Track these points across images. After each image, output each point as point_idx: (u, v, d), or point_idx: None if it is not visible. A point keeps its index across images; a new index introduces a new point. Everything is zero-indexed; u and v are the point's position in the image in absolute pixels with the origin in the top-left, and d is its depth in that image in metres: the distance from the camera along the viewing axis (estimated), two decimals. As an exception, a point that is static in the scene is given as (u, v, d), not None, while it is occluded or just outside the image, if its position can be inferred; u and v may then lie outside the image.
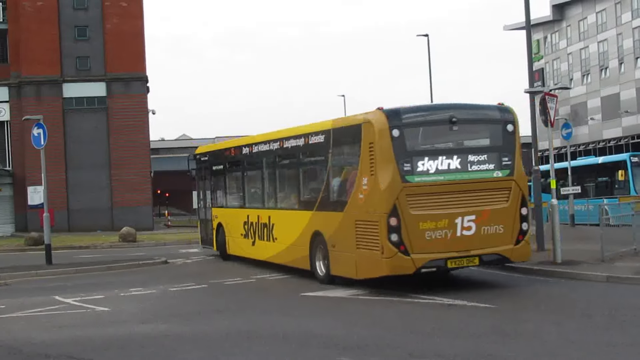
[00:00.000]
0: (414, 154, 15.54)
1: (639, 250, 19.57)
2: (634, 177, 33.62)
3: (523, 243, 15.75)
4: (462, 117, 16.25)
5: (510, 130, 16.30)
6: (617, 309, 11.65)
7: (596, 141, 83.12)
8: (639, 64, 77.62)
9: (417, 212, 15.10)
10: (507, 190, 15.85)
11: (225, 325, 11.56)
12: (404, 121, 15.75)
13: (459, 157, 15.79)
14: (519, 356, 8.79)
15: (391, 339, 9.97)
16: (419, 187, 15.25)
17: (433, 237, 15.13)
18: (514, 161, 16.06)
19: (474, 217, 15.42)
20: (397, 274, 15.00)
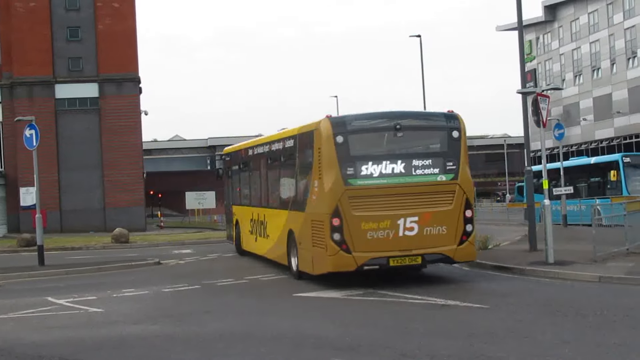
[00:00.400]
0: (358, 159, 16.52)
1: (631, 251, 19.63)
2: (626, 178, 33.71)
3: (467, 244, 16.42)
4: (407, 124, 17.19)
5: (455, 137, 17.24)
6: (609, 309, 11.68)
7: (588, 142, 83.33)
8: (630, 64, 77.84)
9: (359, 214, 16.07)
10: (451, 193, 16.63)
11: (218, 326, 11.56)
12: (348, 128, 16.76)
13: (403, 162, 16.70)
14: (511, 356, 8.81)
15: (384, 340, 9.98)
16: (361, 189, 16.26)
17: (375, 236, 16.04)
18: (459, 166, 16.90)
19: (416, 218, 16.22)
20: (340, 270, 16.02)
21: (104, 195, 52.66)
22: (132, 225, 46.50)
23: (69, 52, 53.27)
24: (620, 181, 33.75)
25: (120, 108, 52.55)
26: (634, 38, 77.10)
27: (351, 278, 16.04)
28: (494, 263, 18.67)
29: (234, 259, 25.31)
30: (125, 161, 52.22)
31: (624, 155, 35.88)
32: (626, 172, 33.98)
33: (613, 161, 35.75)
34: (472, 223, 16.78)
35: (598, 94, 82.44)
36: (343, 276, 16.15)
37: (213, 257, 25.92)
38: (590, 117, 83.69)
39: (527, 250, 21.61)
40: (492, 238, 24.10)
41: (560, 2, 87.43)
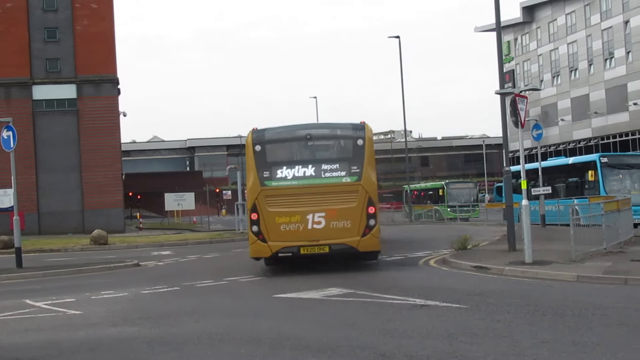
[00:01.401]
0: (273, 164, 19.78)
1: (608, 250, 19.78)
2: (603, 178, 33.93)
3: (369, 236, 19.20)
4: (317, 134, 20.46)
5: (360, 144, 20.05)
6: (587, 309, 11.74)
7: (566, 142, 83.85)
8: (608, 65, 78.37)
9: (273, 210, 19.37)
10: (355, 193, 19.43)
11: (197, 328, 11.52)
12: (266, 139, 20.11)
13: (313, 166, 19.76)
14: (489, 356, 8.82)
15: (363, 340, 9.98)
16: (275, 190, 19.53)
17: (288, 229, 19.27)
18: (363, 169, 19.60)
19: (324, 214, 19.28)
20: (259, 256, 19.93)
21: (82, 197, 52.43)
22: (111, 226, 46.34)
23: (46, 53, 53.01)
24: (598, 181, 33.96)
25: (98, 109, 52.34)
26: (611, 39, 77.67)
27: (329, 279, 16.05)
28: (473, 263, 18.75)
29: (214, 260, 25.30)
30: (103, 163, 52.01)
31: (601, 155, 36.10)
32: (604, 172, 34.20)
33: (591, 161, 35.98)
34: (375, 218, 19.40)
35: (576, 94, 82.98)
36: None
37: (192, 259, 25.88)
38: (568, 117, 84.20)
39: (506, 250, 21.72)
40: (471, 238, 24.20)
41: (538, 3, 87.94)
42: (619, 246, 21.20)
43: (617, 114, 76.94)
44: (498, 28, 23.68)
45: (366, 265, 20.41)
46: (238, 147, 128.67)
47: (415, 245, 27.43)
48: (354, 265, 20.42)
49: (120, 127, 54.74)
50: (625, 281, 14.90)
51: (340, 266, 20.31)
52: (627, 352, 8.79)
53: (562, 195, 37.07)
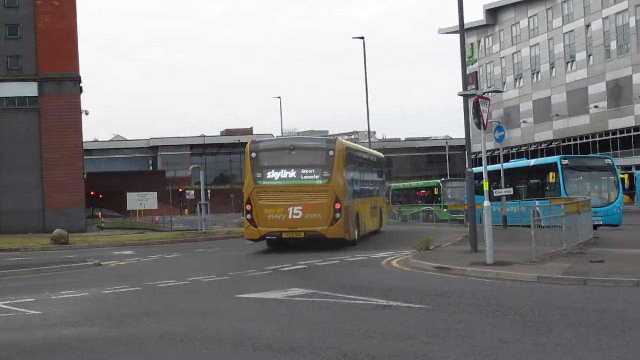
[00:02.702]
0: (264, 167, 26.50)
1: (568, 251, 19.98)
2: (564, 179, 34.30)
3: (335, 226, 25.66)
4: (298, 146, 27.29)
5: (331, 155, 26.21)
6: (547, 309, 11.85)
7: (528, 144, 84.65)
8: (569, 68, 79.21)
9: (262, 202, 26.09)
10: (325, 192, 25.90)
11: (158, 328, 11.44)
12: (260, 148, 27.02)
13: (295, 170, 26.25)
14: (450, 356, 8.87)
15: (325, 341, 9.97)
16: (264, 187, 26.27)
17: (273, 218, 25.89)
18: (332, 174, 25.96)
19: (301, 207, 25.76)
20: (252, 238, 26.66)
21: (43, 196, 51.86)
22: (72, 226, 45.88)
23: (7, 51, 52.36)
24: (559, 183, 34.32)
25: (60, 108, 51.81)
26: (573, 42, 78.51)
27: (293, 279, 16.04)
28: (435, 264, 18.83)
29: (176, 260, 25.18)
30: (65, 161, 51.49)
31: (562, 157, 36.51)
32: (564, 174, 34.58)
33: (552, 163, 36.35)
34: (340, 212, 25.85)
35: (538, 97, 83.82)
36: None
37: (155, 258, 25.73)
38: (530, 119, 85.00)
39: (468, 251, 21.85)
40: (434, 239, 24.29)
41: (501, 6, 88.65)
42: (579, 247, 21.42)
43: (578, 116, 77.80)
44: (461, 30, 23.82)
45: (329, 266, 20.43)
46: (201, 147, 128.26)
47: (378, 246, 27.50)
48: (317, 266, 20.43)
49: (82, 125, 54.23)
50: (584, 282, 15.06)
51: (303, 267, 20.31)
52: (585, 352, 8.88)
53: (523, 196, 37.42)
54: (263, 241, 27.37)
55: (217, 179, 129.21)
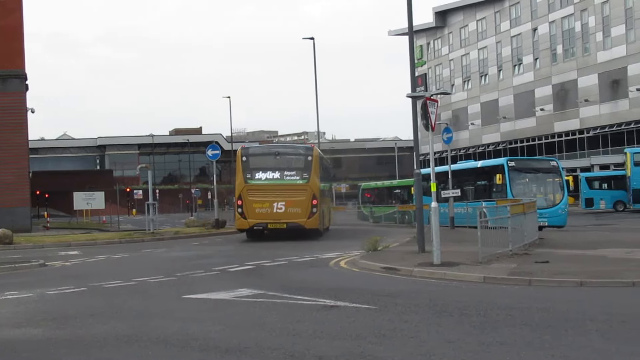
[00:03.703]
0: (254, 169, 32.26)
1: (514, 252, 20.23)
2: (511, 181, 34.69)
3: (312, 218, 31.64)
4: (282, 152, 33.58)
5: (309, 160, 32.25)
6: (492, 309, 11.99)
7: (476, 145, 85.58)
8: (516, 71, 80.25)
9: (252, 198, 31.88)
10: (304, 190, 31.79)
11: (104, 329, 11.31)
12: (249, 153, 33.20)
13: (279, 172, 32.15)
14: (396, 356, 8.92)
15: (272, 341, 9.96)
16: (253, 186, 32.12)
17: (260, 211, 31.66)
18: (310, 176, 31.97)
19: (284, 203, 31.48)
20: (242, 228, 32.78)
21: (-14, 195, 50.87)
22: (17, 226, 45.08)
23: (-49, 47, 51.27)
24: (506, 184, 34.71)
25: (5, 105, 50.88)
26: (520, 46, 79.56)
27: (241, 280, 15.98)
28: (383, 264, 18.93)
29: (123, 260, 24.94)
30: (9, 160, 50.58)
31: (509, 159, 36.94)
32: (511, 175, 34.98)
33: (499, 165, 36.76)
34: (317, 207, 31.86)
35: (485, 99, 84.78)
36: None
37: (101, 259, 25.44)
38: (478, 121, 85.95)
39: (415, 252, 21.99)
40: (382, 240, 24.40)
41: (450, 9, 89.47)
42: (524, 248, 21.70)
43: (525, 119, 78.88)
44: (410, 32, 23.97)
45: (277, 266, 20.41)
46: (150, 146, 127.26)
47: (326, 246, 27.55)
48: (266, 267, 20.40)
49: (28, 124, 53.33)
50: (529, 282, 15.27)
51: (251, 267, 20.26)
52: (529, 352, 9.00)
53: (471, 197, 37.77)
54: (214, 239, 30.50)
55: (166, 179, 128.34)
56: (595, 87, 70.42)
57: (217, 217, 45.58)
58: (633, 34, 66.43)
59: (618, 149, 65.92)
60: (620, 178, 59.13)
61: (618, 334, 9.94)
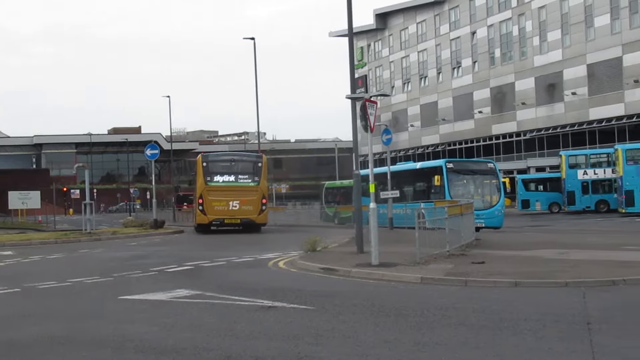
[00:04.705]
0: (213, 173, 38.16)
1: (451, 253, 20.43)
2: (449, 183, 35.07)
3: (262, 215, 38.29)
4: (237, 159, 39.84)
5: (259, 166, 38.60)
6: (429, 309, 12.10)
7: (415, 147, 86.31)
8: (455, 74, 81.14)
9: (211, 198, 37.58)
10: (255, 191, 38.13)
11: (37, 331, 11.12)
12: (209, 160, 38.88)
13: (234, 176, 38.28)
14: (333, 356, 8.94)
15: (209, 342, 9.91)
16: (213, 187, 37.92)
17: (218, 209, 37.50)
18: (260, 179, 38.46)
19: (238, 201, 37.47)
20: (202, 222, 38.24)
21: None
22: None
23: None
24: (444, 186, 35.07)
25: (-63, 102, 49.74)
26: (459, 49, 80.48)
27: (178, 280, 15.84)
28: (321, 265, 18.95)
29: (58, 261, 24.57)
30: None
31: (447, 161, 37.32)
32: (449, 177, 35.36)
33: (437, 166, 37.13)
34: (265, 206, 38.81)
35: (425, 101, 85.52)
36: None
37: (36, 259, 25.01)
38: (418, 123, 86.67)
39: (354, 253, 22.07)
40: (321, 240, 24.42)
41: (390, 11, 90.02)
42: (462, 249, 21.94)
43: (463, 121, 79.80)
44: (350, 34, 24.05)
45: (216, 267, 20.31)
46: (87, 145, 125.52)
47: (266, 247, 27.51)
48: (204, 267, 20.28)
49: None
50: (465, 283, 15.44)
51: (189, 268, 20.12)
52: (464, 351, 9.11)
53: (409, 199, 38.06)
54: (152, 240, 30.91)
55: (104, 178, 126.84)
56: (532, 91, 71.55)
57: (156, 217, 45.16)
58: (569, 39, 67.66)
59: (554, 151, 67.08)
60: (555, 180, 60.21)
61: (551, 334, 10.10)
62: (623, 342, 9.49)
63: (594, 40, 65.15)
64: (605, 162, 56.52)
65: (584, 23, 66.06)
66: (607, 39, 63.90)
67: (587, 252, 21.11)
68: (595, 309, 12.09)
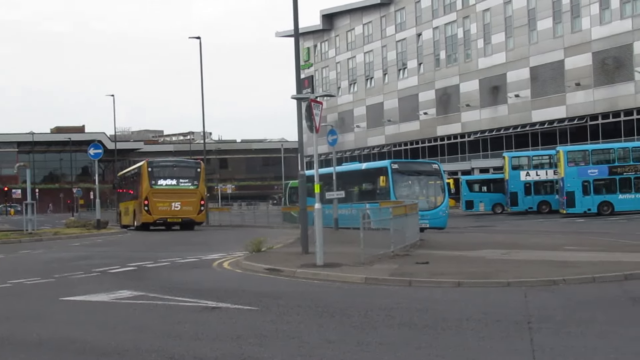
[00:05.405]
0: (157, 177, 42.14)
1: (395, 253, 20.55)
2: (394, 183, 35.30)
3: (201, 214, 43.13)
4: (179, 165, 44.22)
5: (198, 171, 43.19)
6: (373, 310, 12.15)
7: (362, 148, 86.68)
8: (401, 75, 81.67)
9: (155, 199, 41.48)
10: (195, 194, 42.51)
11: (-26, 333, 10.89)
12: (154, 165, 42.99)
13: (177, 180, 42.34)
14: (276, 357, 8.93)
15: (151, 344, 9.82)
16: (157, 190, 41.69)
17: (162, 209, 41.53)
18: (199, 183, 42.85)
19: (180, 203, 41.75)
20: (147, 221, 41.88)
21: None
22: None
23: None
24: (389, 186, 35.29)
25: None
26: (405, 50, 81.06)
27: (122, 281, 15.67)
28: (266, 266, 18.92)
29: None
30: None
31: (392, 162, 37.57)
32: (394, 178, 35.59)
33: (382, 167, 37.35)
34: (204, 206, 43.35)
35: (371, 102, 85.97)
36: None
37: None
38: (364, 124, 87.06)
39: (299, 253, 22.07)
40: (266, 241, 24.38)
41: (337, 12, 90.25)
42: (406, 249, 22.09)
43: (409, 122, 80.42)
44: (296, 34, 24.07)
45: (160, 267, 20.15)
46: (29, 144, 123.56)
47: (210, 247, 27.37)
48: (148, 268, 20.10)
49: None
50: (409, 283, 15.55)
51: (133, 268, 19.92)
52: (406, 351, 9.16)
53: (355, 199, 38.19)
54: (95, 240, 32.12)
55: (47, 178, 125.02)
56: (476, 93, 72.40)
57: (99, 217, 44.63)
58: (512, 42, 68.59)
59: (497, 153, 67.94)
60: (499, 181, 61.00)
61: (493, 333, 10.22)
62: (562, 341, 9.63)
63: (536, 43, 66.17)
64: (547, 163, 57.45)
65: (527, 26, 67.08)
66: (549, 42, 64.97)
67: (529, 253, 21.42)
68: (536, 308, 12.27)
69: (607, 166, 49.63)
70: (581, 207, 49.50)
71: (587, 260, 18.51)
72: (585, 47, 61.93)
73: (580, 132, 63.04)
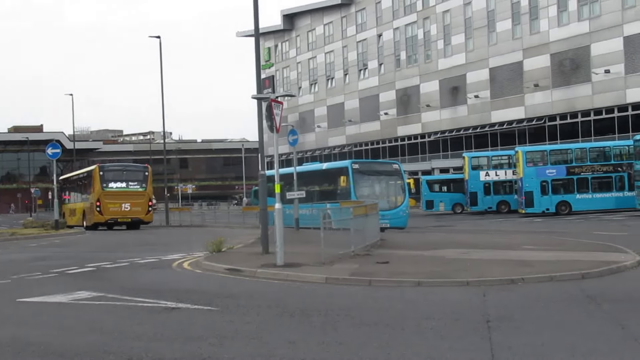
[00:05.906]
0: (108, 180, 45.40)
1: (356, 253, 20.59)
2: (354, 183, 35.36)
3: (149, 214, 46.40)
4: (128, 169, 48.51)
5: (146, 175, 46.59)
6: (333, 309, 12.17)
7: (322, 148, 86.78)
8: (362, 75, 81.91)
9: (107, 201, 44.54)
10: (143, 195, 45.91)
11: None
12: (105, 169, 46.22)
13: (126, 182, 45.90)
14: (237, 357, 8.91)
15: (110, 344, 9.73)
16: (108, 192, 44.81)
17: (113, 210, 44.58)
18: (147, 185, 46.33)
19: (130, 204, 44.98)
20: (99, 221, 44.73)
21: None
22: None
23: None
24: (349, 186, 35.35)
25: None
26: (366, 51, 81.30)
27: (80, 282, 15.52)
28: (226, 266, 18.86)
29: None
30: None
31: (352, 162, 37.63)
32: (355, 178, 35.66)
33: (343, 167, 37.41)
34: (151, 207, 46.71)
35: (332, 102, 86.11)
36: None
37: None
38: (325, 124, 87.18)
39: (259, 253, 22.02)
40: (226, 241, 24.31)
41: (298, 12, 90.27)
42: (366, 249, 22.13)
43: (370, 122, 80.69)
44: (256, 34, 24.02)
45: (118, 268, 19.99)
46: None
47: (170, 247, 27.22)
48: (106, 269, 19.94)
49: None
50: (369, 282, 15.59)
51: (91, 269, 19.74)
52: (367, 350, 9.19)
53: (316, 199, 38.20)
54: (53, 241, 32.02)
55: (4, 178, 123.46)
56: (436, 93, 72.84)
57: (58, 217, 44.18)
58: (472, 43, 69.12)
59: (457, 153, 68.42)
60: (458, 181, 61.42)
61: (452, 332, 10.29)
62: (521, 339, 9.73)
63: (496, 44, 66.77)
64: (507, 163, 57.94)
65: (487, 28, 67.65)
66: (508, 44, 65.59)
67: (488, 252, 21.59)
68: (494, 307, 12.37)
69: (565, 166, 50.20)
70: (539, 207, 50.02)
71: (545, 260, 18.72)
72: (543, 49, 62.62)
73: (538, 133, 63.74)
